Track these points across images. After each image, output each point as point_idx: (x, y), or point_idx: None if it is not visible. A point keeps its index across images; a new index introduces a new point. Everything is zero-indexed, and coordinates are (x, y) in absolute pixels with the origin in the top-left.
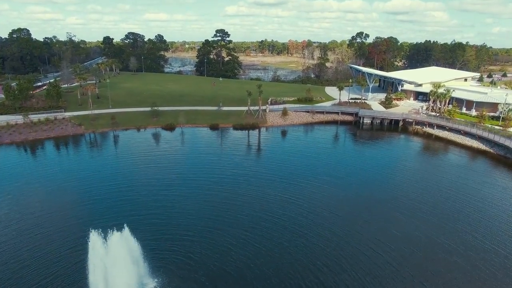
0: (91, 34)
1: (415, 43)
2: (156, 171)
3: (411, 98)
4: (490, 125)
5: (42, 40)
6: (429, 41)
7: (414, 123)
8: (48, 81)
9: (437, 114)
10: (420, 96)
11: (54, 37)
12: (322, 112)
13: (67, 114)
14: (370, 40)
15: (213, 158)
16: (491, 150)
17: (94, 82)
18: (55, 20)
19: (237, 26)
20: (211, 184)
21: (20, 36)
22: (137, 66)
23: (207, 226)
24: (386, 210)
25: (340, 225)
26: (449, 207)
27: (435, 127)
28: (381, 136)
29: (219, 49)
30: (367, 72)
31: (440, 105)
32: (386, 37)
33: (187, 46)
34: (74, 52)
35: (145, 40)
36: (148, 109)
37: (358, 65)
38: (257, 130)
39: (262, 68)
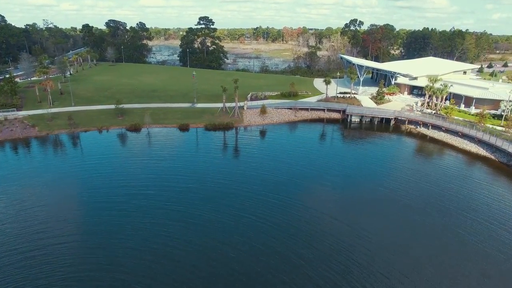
0: (86, 21)
1: (412, 30)
2: (101, 183)
3: (405, 93)
4: (491, 125)
5: (23, 27)
6: (427, 28)
7: (407, 122)
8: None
9: (433, 112)
10: (415, 90)
11: (34, 24)
12: (307, 109)
13: (22, 113)
14: (365, 27)
15: (173, 167)
16: (492, 156)
17: (62, 75)
18: (48, 6)
19: (235, 12)
20: (163, 202)
21: None
22: (114, 57)
23: (148, 261)
24: (371, 231)
25: (320, 258)
26: (444, 231)
27: (430, 127)
28: (370, 137)
29: (203, 37)
30: (357, 64)
31: (437, 101)
32: (382, 25)
33: (181, 33)
34: (54, 41)
35: (127, 28)
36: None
37: (353, 54)
38: (231, 130)
39: (254, 57)
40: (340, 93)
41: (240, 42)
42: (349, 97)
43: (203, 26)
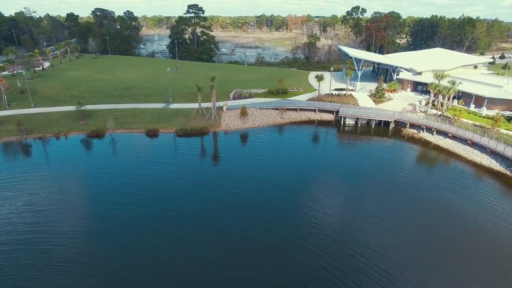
0: (88, 9)
1: (420, 18)
2: (40, 204)
3: (408, 89)
4: (506, 131)
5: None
6: (436, 16)
7: (408, 125)
8: None
9: (439, 114)
10: (419, 86)
11: (22, 12)
12: (295, 109)
13: None
14: (368, 15)
15: (130, 187)
16: (508, 172)
17: (24, 72)
18: None
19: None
20: (105, 233)
21: None
22: (98, 48)
23: None
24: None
25: None
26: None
27: (435, 132)
28: (365, 143)
29: (194, 27)
30: (354, 57)
31: (443, 100)
32: (387, 12)
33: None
34: (38, 31)
35: (115, 17)
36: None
37: (356, 44)
38: (207, 136)
39: (255, 47)
40: (336, 89)
41: (243, 31)
42: (344, 94)
43: (192, 14)
